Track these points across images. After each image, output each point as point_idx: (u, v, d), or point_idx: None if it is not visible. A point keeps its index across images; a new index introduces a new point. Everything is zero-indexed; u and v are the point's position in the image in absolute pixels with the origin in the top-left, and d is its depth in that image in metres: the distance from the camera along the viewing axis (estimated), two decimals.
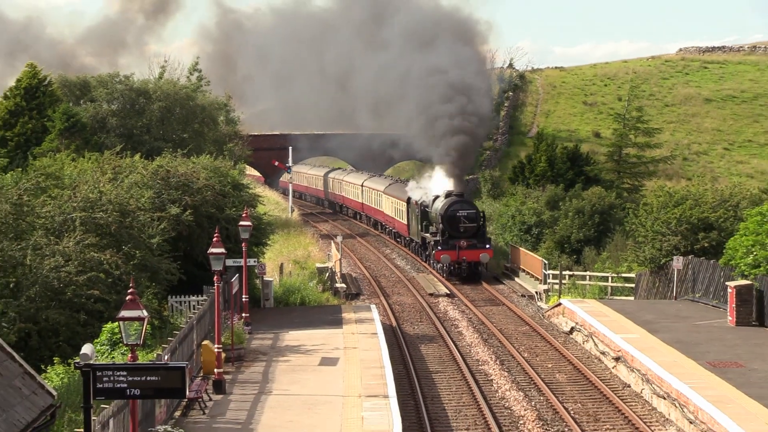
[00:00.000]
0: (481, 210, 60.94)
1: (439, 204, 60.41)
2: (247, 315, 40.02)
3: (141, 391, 17.50)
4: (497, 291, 55.16)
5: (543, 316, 47.63)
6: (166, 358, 26.60)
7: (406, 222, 68.92)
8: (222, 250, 30.62)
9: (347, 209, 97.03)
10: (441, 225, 58.85)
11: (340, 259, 59.74)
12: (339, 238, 63.05)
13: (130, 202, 37.84)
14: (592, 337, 39.36)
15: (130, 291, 18.48)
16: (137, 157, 46.57)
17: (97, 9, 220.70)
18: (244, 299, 40.10)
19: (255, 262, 41.87)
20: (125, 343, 18.55)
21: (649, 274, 49.49)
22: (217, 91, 79.73)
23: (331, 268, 54.85)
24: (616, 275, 52.02)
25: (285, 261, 56.17)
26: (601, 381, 34.34)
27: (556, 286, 51.59)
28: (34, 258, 32.47)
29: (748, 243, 40.61)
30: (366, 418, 27.71)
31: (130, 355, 18.72)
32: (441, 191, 61.77)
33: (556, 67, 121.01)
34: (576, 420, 30.00)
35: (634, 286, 50.96)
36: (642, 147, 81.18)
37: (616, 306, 43.70)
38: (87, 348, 17.61)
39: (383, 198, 78.12)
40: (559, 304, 45.42)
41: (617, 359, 35.86)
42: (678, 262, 45.35)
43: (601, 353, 37.96)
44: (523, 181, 77.10)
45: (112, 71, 73.50)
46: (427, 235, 61.85)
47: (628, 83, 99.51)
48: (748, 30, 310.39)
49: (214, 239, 30.82)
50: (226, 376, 31.99)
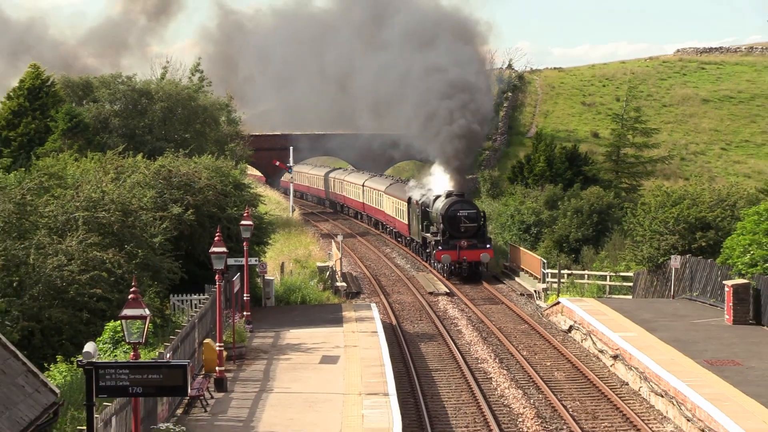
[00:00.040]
0: (481, 210, 60.93)
1: (439, 204, 60.27)
2: (249, 314, 40.17)
3: (143, 389, 17.55)
4: (496, 290, 55.24)
5: (542, 314, 47.70)
6: (168, 356, 26.68)
7: (406, 222, 68.87)
8: (223, 250, 30.65)
9: (348, 209, 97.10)
10: (442, 225, 58.71)
11: (341, 258, 59.76)
12: (339, 238, 62.93)
13: (132, 201, 37.92)
14: (590, 336, 39.48)
15: (132, 290, 18.59)
16: (139, 157, 46.68)
17: (99, 10, 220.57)
18: (245, 298, 40.28)
19: (256, 261, 41.96)
20: (127, 341, 18.60)
21: (647, 273, 49.62)
22: (218, 92, 79.79)
23: (331, 267, 54.91)
24: (614, 274, 52.11)
25: (286, 260, 56.22)
26: (599, 379, 34.43)
27: (555, 285, 51.75)
28: (37, 257, 32.52)
29: (745, 242, 40.72)
30: (366, 416, 27.81)
31: (133, 353, 18.81)
32: (442, 191, 61.64)
33: (554, 68, 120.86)
34: (574, 418, 30.11)
35: (632, 284, 51.08)
36: (640, 147, 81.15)
37: (614, 305, 43.80)
38: (89, 346, 17.69)
39: (384, 198, 78.14)
40: (558, 303, 45.52)
41: (615, 357, 35.96)
42: (676, 261, 45.47)
43: (599, 351, 38.07)
44: (522, 181, 77.12)
45: (114, 72, 73.66)
46: (428, 234, 61.75)
47: (626, 84, 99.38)
48: (745, 31, 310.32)
49: (216, 238, 30.87)
50: (228, 374, 32.06)
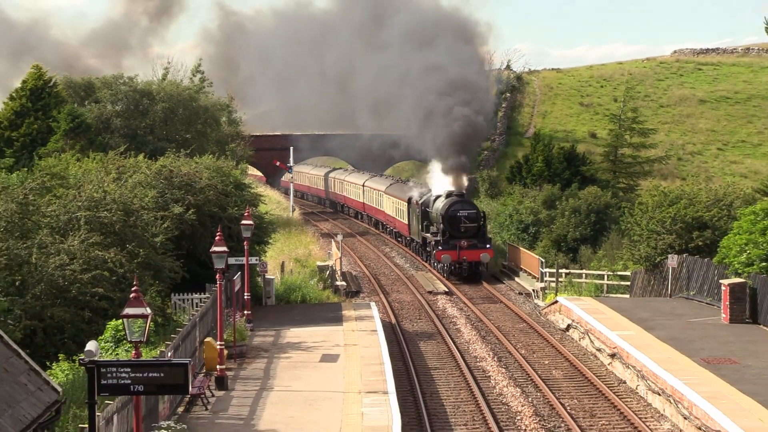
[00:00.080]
0: (481, 210, 60.96)
1: (439, 204, 60.18)
2: (249, 312, 40.29)
3: (144, 388, 17.53)
4: (495, 289, 55.34)
5: (540, 313, 47.82)
6: (170, 354, 26.82)
7: (406, 222, 68.82)
8: (224, 249, 30.76)
9: (348, 209, 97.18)
10: (442, 225, 58.62)
11: (341, 258, 59.86)
12: (339, 237, 62.90)
13: (134, 201, 38.11)
14: (588, 334, 39.61)
15: (133, 289, 18.67)
16: (141, 157, 46.90)
17: (101, 11, 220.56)
18: (246, 297, 40.41)
19: (257, 260, 42.17)
20: (129, 340, 18.63)
21: (644, 272, 49.77)
22: (219, 93, 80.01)
23: (331, 267, 55.02)
24: (611, 273, 52.19)
25: (286, 259, 56.31)
26: (596, 377, 34.54)
27: (553, 284, 51.90)
28: (40, 256, 32.71)
29: (741, 242, 40.85)
30: (366, 414, 27.92)
31: (134, 351, 18.88)
32: (442, 191, 61.59)
33: (553, 69, 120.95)
34: (572, 416, 30.22)
35: (629, 284, 51.20)
36: (637, 147, 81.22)
37: (611, 303, 43.90)
38: (91, 345, 17.77)
39: (384, 198, 78.20)
40: (556, 302, 45.64)
41: (613, 356, 36.08)
42: (673, 261, 45.59)
43: (597, 350, 38.19)
44: (521, 181, 77.26)
45: (116, 73, 73.83)
46: (428, 234, 61.67)
47: (623, 84, 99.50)
48: (742, 32, 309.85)
49: (217, 238, 31.00)
50: (229, 373, 32.18)
